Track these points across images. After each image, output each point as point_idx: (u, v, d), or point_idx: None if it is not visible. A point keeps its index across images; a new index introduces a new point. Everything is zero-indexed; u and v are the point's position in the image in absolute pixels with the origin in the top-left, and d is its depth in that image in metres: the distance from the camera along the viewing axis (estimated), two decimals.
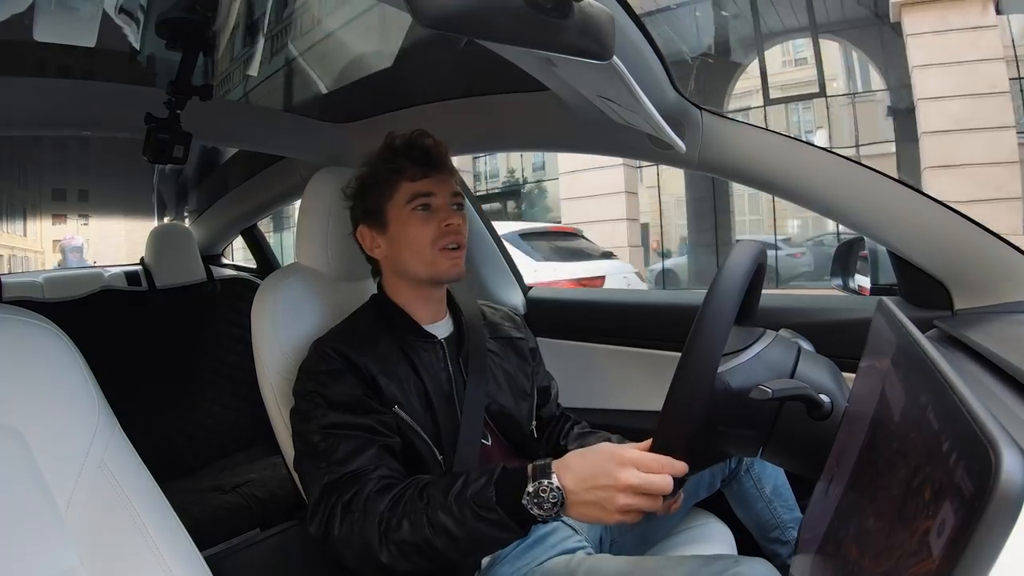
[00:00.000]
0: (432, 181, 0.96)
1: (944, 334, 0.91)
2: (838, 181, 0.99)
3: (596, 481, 0.67)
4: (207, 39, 1.26)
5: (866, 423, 0.51)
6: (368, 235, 1.00)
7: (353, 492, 0.80)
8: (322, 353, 0.92)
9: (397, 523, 0.75)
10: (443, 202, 0.97)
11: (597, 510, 0.67)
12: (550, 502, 0.68)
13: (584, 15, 0.52)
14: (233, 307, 2.00)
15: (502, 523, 0.70)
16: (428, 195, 0.96)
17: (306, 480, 0.87)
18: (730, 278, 0.67)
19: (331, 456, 0.84)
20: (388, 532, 0.75)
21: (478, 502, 0.71)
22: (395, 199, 0.96)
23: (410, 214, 0.95)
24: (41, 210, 9.34)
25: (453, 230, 0.95)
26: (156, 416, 1.71)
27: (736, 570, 0.78)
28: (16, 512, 0.56)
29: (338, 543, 0.79)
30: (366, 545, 0.76)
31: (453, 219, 0.95)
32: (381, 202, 0.97)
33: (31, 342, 0.62)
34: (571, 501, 0.68)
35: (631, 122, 0.92)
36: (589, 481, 0.67)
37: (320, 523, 0.81)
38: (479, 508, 0.71)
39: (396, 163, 0.96)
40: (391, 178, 0.96)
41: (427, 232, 0.95)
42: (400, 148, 0.97)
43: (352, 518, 0.78)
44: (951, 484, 0.31)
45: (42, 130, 1.65)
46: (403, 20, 1.16)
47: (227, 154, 2.18)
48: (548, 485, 0.68)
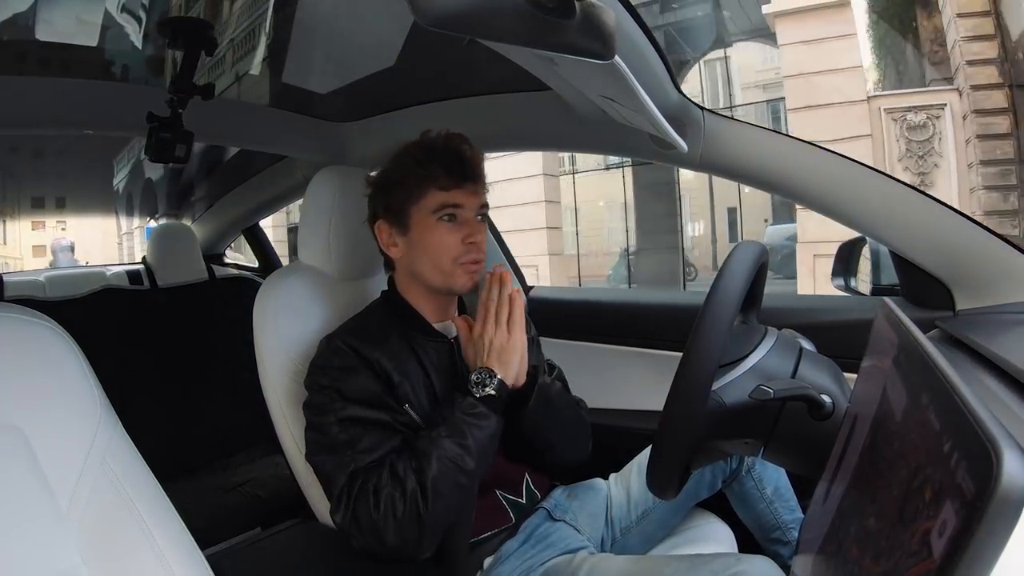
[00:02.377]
0: (463, 192, 0.93)
1: (946, 334, 0.91)
2: (841, 181, 0.99)
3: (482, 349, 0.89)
4: (208, 38, 1.26)
5: (867, 423, 0.51)
6: (386, 231, 0.97)
7: (379, 474, 0.82)
8: (335, 348, 0.91)
9: (421, 471, 0.82)
10: (470, 215, 0.94)
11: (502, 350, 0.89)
12: (488, 377, 0.87)
13: (586, 14, 0.52)
14: (235, 306, 2.00)
15: (484, 413, 0.86)
16: (457, 207, 0.92)
17: (327, 470, 0.86)
18: (729, 283, 0.67)
19: (355, 445, 0.84)
20: (422, 480, 0.81)
21: (463, 410, 0.86)
22: (422, 204, 0.93)
23: (436, 223, 0.92)
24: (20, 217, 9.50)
25: (476, 247, 0.93)
26: (158, 415, 1.71)
27: (738, 568, 0.78)
28: (17, 511, 0.56)
29: (378, 524, 0.80)
30: (412, 507, 0.80)
31: (478, 235, 0.93)
32: (406, 203, 0.94)
33: (33, 341, 0.63)
34: (494, 367, 0.88)
35: (633, 122, 0.91)
36: (483, 354, 0.89)
37: (349, 511, 0.81)
38: (466, 414, 0.85)
39: (429, 168, 0.92)
40: (421, 183, 0.92)
41: (450, 244, 0.92)
42: (436, 152, 0.93)
43: (388, 492, 0.80)
44: (952, 484, 0.31)
45: (43, 130, 1.65)
46: (404, 19, 1.16)
47: (213, 151, 2.18)
48: (478, 372, 0.88)
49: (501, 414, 0.87)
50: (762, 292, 0.81)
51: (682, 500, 1.01)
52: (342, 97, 1.56)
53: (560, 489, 1.07)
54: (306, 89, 1.58)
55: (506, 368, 0.88)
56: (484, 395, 0.86)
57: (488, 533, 0.96)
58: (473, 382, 0.87)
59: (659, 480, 0.72)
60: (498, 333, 0.89)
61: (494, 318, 0.90)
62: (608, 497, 1.09)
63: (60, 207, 4.00)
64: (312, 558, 0.93)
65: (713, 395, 0.68)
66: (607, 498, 1.08)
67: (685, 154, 0.98)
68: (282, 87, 1.58)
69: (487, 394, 0.86)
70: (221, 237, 2.34)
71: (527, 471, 1.03)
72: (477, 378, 0.87)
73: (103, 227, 10.63)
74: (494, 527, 0.97)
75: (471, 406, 0.85)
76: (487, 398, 0.86)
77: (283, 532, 1.38)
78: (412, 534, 0.80)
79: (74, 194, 3.59)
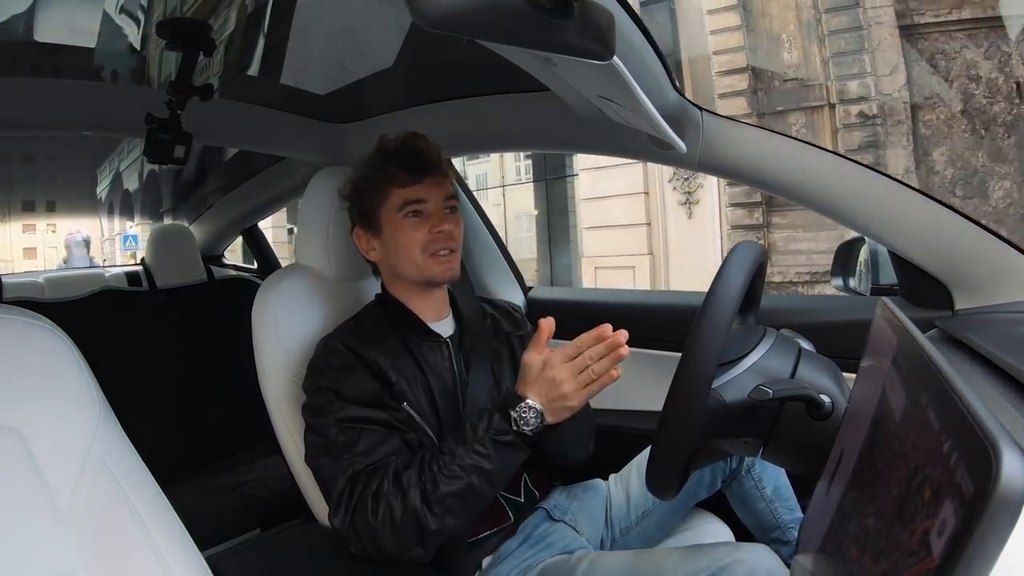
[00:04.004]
0: (424, 187, 0.95)
1: (945, 334, 0.91)
2: (840, 181, 0.99)
3: (548, 390, 0.81)
4: (207, 39, 1.26)
5: (867, 423, 0.51)
6: (364, 237, 1.00)
7: (380, 479, 0.81)
8: (333, 349, 0.92)
9: (433, 485, 0.80)
10: (435, 207, 0.96)
11: (565, 405, 0.81)
12: (534, 418, 0.81)
13: (584, 15, 0.52)
14: (234, 307, 1.99)
15: (516, 443, 0.82)
16: (419, 201, 0.95)
17: (325, 473, 0.86)
18: (728, 283, 0.67)
19: (353, 448, 0.84)
20: (429, 496, 0.79)
21: (495, 432, 0.81)
22: (387, 205, 0.96)
23: (401, 220, 0.95)
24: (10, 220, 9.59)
25: (444, 236, 0.95)
26: (157, 416, 1.71)
27: (737, 555, 0.79)
28: (16, 512, 0.56)
29: (376, 529, 0.79)
30: (411, 518, 0.79)
31: (444, 225, 0.95)
32: (373, 207, 0.97)
33: (31, 342, 0.62)
34: (547, 410, 0.81)
35: (631, 122, 0.91)
36: (545, 392, 0.81)
37: (347, 515, 0.81)
38: (497, 436, 0.81)
39: (388, 169, 0.95)
40: (382, 184, 0.96)
41: (417, 238, 0.94)
42: (392, 152, 0.96)
43: (387, 500, 0.80)
44: (951, 484, 0.31)
45: (42, 130, 1.65)
46: (403, 20, 1.16)
47: (212, 152, 2.19)
48: (527, 405, 0.81)
49: (530, 447, 0.84)
50: (761, 292, 0.81)
51: (681, 500, 1.01)
52: (341, 98, 1.56)
53: (560, 489, 1.07)
54: (305, 90, 1.58)
55: (555, 416, 0.82)
56: (520, 431, 0.82)
57: (487, 532, 0.96)
58: (519, 410, 0.81)
59: (659, 480, 0.72)
60: (571, 382, 0.80)
61: (576, 365, 0.80)
62: (607, 498, 1.09)
63: (50, 210, 4.05)
64: (312, 559, 0.92)
65: (712, 395, 0.68)
66: (606, 499, 1.08)
67: (684, 154, 0.98)
68: (281, 88, 1.58)
69: (523, 431, 0.82)
70: (220, 238, 2.34)
71: (526, 470, 1.03)
72: (525, 410, 0.81)
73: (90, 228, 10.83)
74: (493, 527, 0.97)
75: (505, 432, 0.81)
76: (522, 433, 0.82)
77: (283, 533, 1.38)
78: (409, 543, 0.80)
79: (64, 197, 3.67)
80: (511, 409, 0.82)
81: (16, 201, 4.68)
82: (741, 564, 0.78)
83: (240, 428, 1.88)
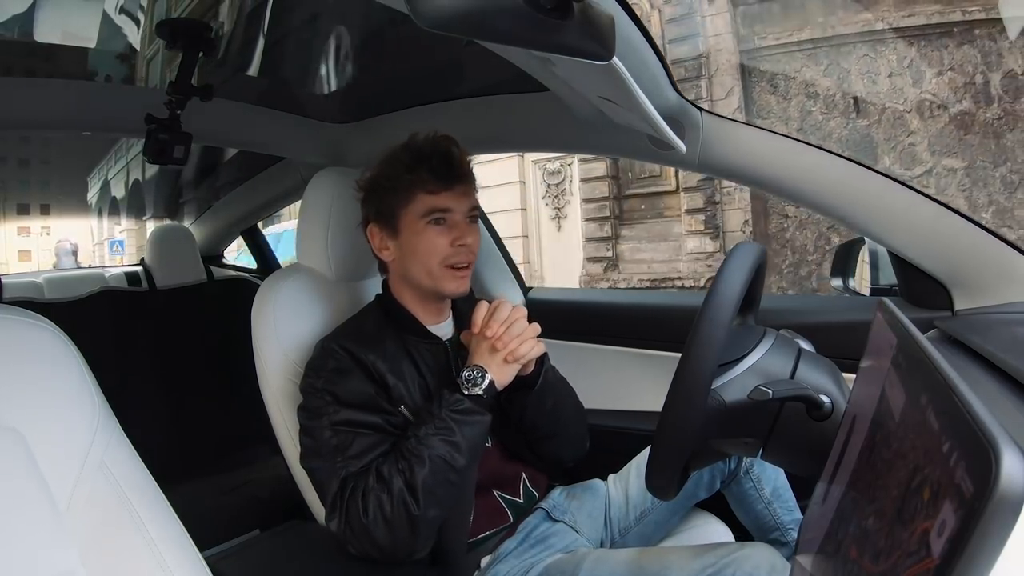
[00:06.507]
0: (452, 195, 0.92)
1: (944, 334, 0.91)
2: (839, 181, 0.99)
3: (485, 350, 0.88)
4: (207, 39, 1.26)
5: (866, 424, 0.51)
6: (378, 235, 0.97)
7: (367, 479, 0.82)
8: (330, 350, 0.91)
9: (410, 471, 0.81)
10: (460, 217, 0.93)
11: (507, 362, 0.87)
12: (480, 377, 0.86)
13: (584, 15, 0.52)
14: (233, 307, 2.00)
15: (473, 409, 0.85)
16: (446, 210, 0.92)
17: (319, 476, 0.86)
18: (727, 284, 0.67)
19: (346, 451, 0.84)
20: (409, 482, 0.81)
21: (449, 406, 0.84)
22: (410, 208, 0.93)
23: (424, 227, 0.92)
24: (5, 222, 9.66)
25: (465, 250, 0.93)
26: (156, 416, 1.71)
27: (740, 554, 0.79)
28: (15, 513, 0.56)
29: (370, 527, 0.80)
30: (400, 509, 0.79)
31: (467, 237, 0.93)
32: (395, 207, 0.94)
33: (31, 342, 0.62)
34: (489, 366, 0.87)
35: (631, 123, 0.92)
36: (483, 352, 0.88)
37: (342, 517, 0.82)
38: (453, 407, 0.84)
39: (417, 172, 0.91)
40: (409, 187, 0.92)
41: (438, 247, 0.92)
42: (424, 155, 0.92)
43: (375, 495, 0.80)
44: (951, 484, 0.31)
45: (42, 130, 1.65)
46: (403, 20, 1.16)
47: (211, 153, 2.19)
48: (470, 367, 0.87)
49: (489, 410, 0.87)
50: (761, 292, 0.81)
51: (681, 501, 1.01)
52: (340, 98, 1.56)
53: (559, 490, 1.07)
54: (304, 90, 1.58)
55: (501, 372, 0.87)
56: (472, 394, 0.85)
57: (486, 533, 0.96)
58: (465, 379, 0.86)
59: (658, 481, 0.72)
60: (503, 336, 0.87)
61: (498, 320, 0.88)
62: (607, 498, 1.09)
63: (45, 213, 4.08)
64: (311, 559, 0.92)
65: (712, 395, 0.68)
66: (606, 499, 1.08)
67: (684, 155, 0.98)
68: (281, 88, 1.58)
69: (475, 393, 0.85)
70: (219, 239, 2.34)
71: (524, 471, 1.03)
72: (469, 376, 0.86)
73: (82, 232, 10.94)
74: (492, 527, 0.97)
75: (458, 402, 0.85)
76: (475, 397, 0.85)
77: (282, 533, 1.37)
78: (403, 533, 0.80)
79: (58, 201, 3.69)
80: (457, 379, 0.87)
81: (11, 204, 4.71)
82: (745, 560, 0.79)
83: (240, 428, 1.88)
